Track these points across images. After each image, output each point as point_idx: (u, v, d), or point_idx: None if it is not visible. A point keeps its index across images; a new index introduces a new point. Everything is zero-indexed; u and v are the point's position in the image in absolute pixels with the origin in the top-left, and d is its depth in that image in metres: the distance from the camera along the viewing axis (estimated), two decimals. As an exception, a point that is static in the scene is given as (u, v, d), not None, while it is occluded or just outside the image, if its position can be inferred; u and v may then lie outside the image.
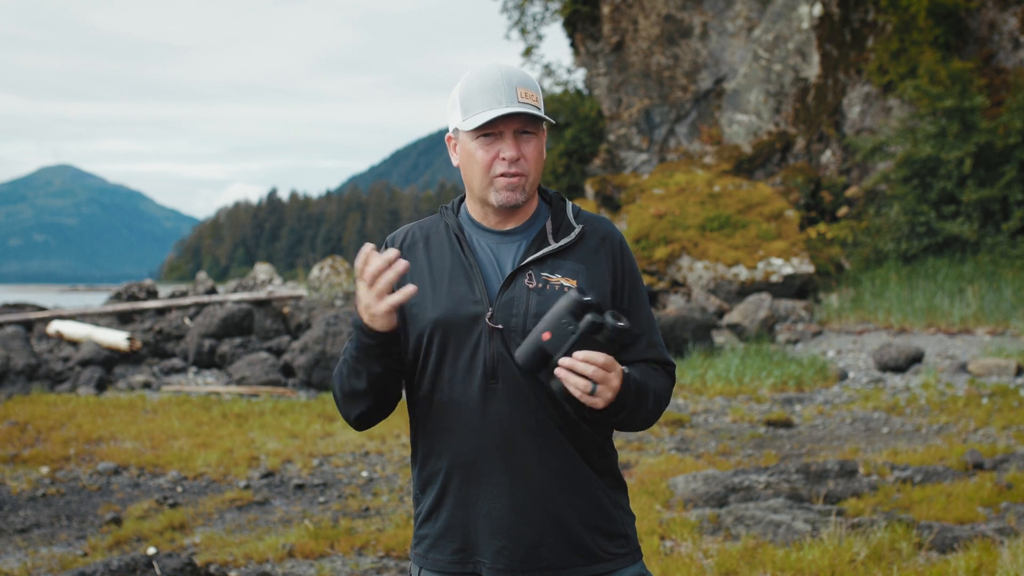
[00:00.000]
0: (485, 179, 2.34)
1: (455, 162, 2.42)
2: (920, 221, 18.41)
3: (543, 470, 2.31)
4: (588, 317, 2.16)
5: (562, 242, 2.37)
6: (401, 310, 2.36)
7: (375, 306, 2.20)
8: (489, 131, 2.33)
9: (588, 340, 2.16)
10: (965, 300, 15.87)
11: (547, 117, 2.35)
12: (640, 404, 2.31)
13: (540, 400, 2.30)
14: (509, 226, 2.41)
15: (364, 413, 2.36)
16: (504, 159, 2.32)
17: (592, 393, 2.18)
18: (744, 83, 22.75)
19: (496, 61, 2.40)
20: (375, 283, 2.19)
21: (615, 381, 2.20)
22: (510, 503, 2.30)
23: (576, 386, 2.17)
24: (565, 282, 2.33)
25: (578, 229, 2.39)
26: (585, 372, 2.16)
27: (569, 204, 2.47)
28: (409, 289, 2.18)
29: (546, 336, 2.17)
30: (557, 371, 2.17)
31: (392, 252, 2.18)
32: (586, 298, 2.17)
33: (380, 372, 2.30)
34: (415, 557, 2.43)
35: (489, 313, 2.30)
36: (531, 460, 2.30)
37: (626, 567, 2.38)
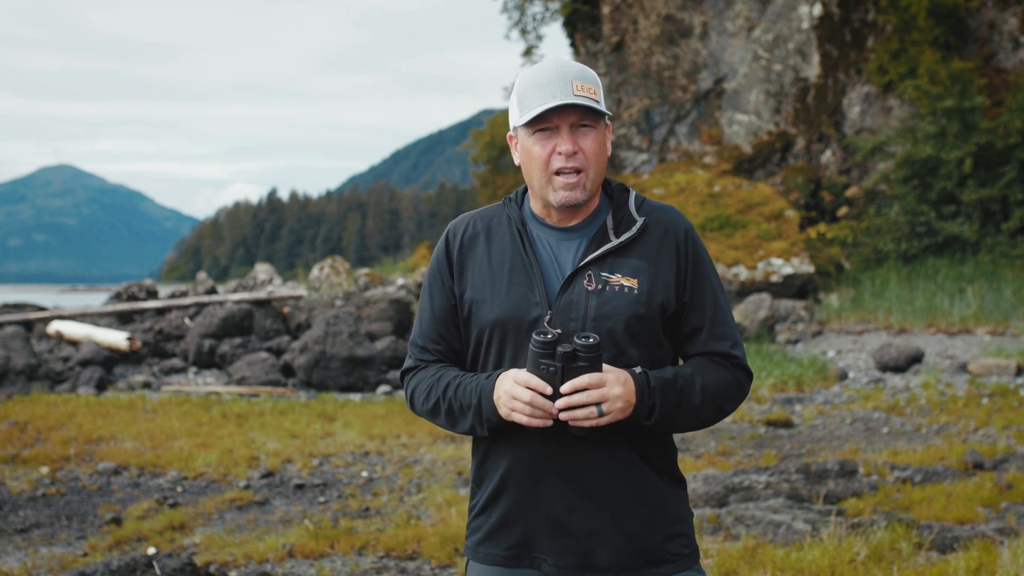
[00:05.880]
0: (544, 176, 2.29)
1: (516, 161, 2.36)
2: (920, 221, 18.41)
3: (602, 470, 2.28)
4: (560, 350, 2.16)
5: (623, 238, 2.30)
6: (465, 305, 2.37)
7: (512, 414, 2.21)
8: (545, 126, 2.27)
9: (571, 369, 2.17)
10: (965, 300, 15.86)
11: (605, 109, 2.28)
12: (681, 399, 2.26)
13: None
14: (571, 222, 2.35)
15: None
16: (561, 153, 2.26)
17: (601, 414, 2.17)
18: (744, 83, 22.75)
19: (555, 56, 2.35)
20: (530, 408, 2.19)
21: (616, 388, 2.18)
22: (570, 503, 2.28)
23: (584, 418, 2.17)
24: (625, 282, 2.27)
25: (640, 222, 2.32)
26: (580, 402, 2.16)
27: (632, 195, 2.39)
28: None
29: None
30: (562, 416, 2.18)
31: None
32: (548, 336, 2.17)
33: (468, 432, 2.34)
34: (466, 549, 2.42)
35: (548, 317, 2.26)
36: (590, 460, 2.28)
37: (686, 568, 2.33)
